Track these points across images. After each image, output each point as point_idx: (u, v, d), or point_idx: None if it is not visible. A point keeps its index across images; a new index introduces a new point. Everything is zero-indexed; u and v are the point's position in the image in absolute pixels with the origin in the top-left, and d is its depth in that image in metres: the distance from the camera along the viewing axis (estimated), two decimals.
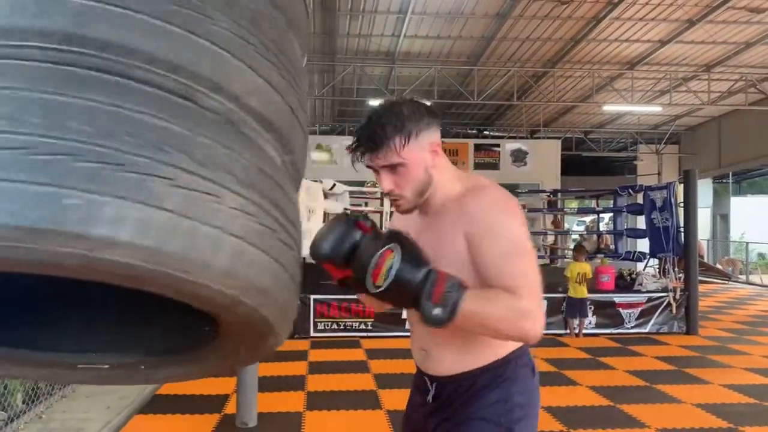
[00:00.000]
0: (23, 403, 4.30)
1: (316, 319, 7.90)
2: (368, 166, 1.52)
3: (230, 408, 4.83)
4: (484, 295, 1.38)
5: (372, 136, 1.47)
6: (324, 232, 1.44)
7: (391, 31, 12.45)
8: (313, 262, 1.49)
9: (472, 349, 1.56)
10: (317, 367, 6.36)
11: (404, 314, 7.92)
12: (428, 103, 1.57)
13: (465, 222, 1.46)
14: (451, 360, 1.60)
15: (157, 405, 5.01)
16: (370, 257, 1.36)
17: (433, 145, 1.52)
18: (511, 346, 1.57)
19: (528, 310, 1.37)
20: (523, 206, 13.58)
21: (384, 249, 1.36)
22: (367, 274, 1.36)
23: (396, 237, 1.39)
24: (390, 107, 1.50)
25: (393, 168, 1.49)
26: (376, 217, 11.31)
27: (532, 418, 1.59)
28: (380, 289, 1.36)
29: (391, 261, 1.36)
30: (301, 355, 6.88)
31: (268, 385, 5.34)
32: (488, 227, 1.44)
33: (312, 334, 7.86)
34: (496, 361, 1.56)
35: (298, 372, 6.15)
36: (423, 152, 1.50)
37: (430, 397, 1.66)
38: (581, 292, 8.00)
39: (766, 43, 12.48)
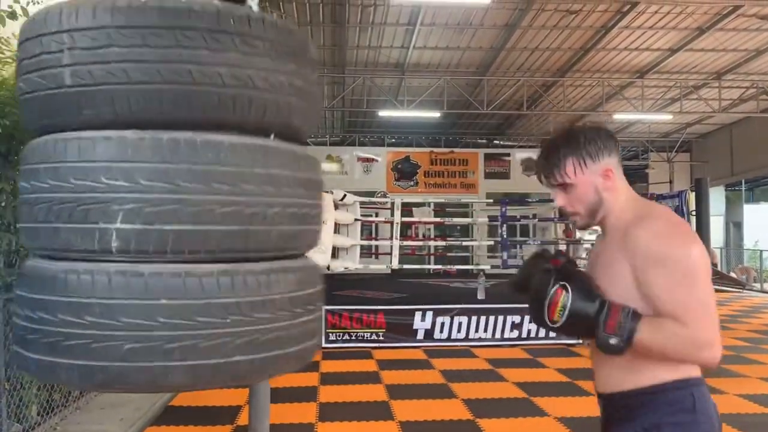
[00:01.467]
0: (38, 414, 4.33)
1: (327, 330, 7.91)
2: (546, 184, 1.68)
3: (243, 419, 4.84)
4: (658, 327, 1.45)
5: (548, 158, 1.63)
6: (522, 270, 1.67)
7: (401, 42, 12.52)
8: (326, 272, 1.58)
9: (634, 370, 1.55)
10: (329, 378, 6.36)
11: (415, 324, 7.94)
12: (609, 129, 1.66)
13: (630, 251, 1.52)
14: (611, 379, 1.62)
15: (170, 416, 5.04)
16: (543, 295, 1.50)
17: (606, 170, 1.60)
18: (680, 373, 1.53)
19: (705, 341, 1.45)
20: (534, 216, 13.57)
21: (556, 287, 1.49)
22: (544, 310, 1.50)
23: (567, 272, 1.52)
24: (567, 132, 1.64)
25: (565, 187, 1.63)
26: (386, 228, 11.32)
27: None
28: (557, 325, 1.50)
29: (564, 298, 1.48)
30: (312, 366, 6.88)
31: (280, 396, 5.35)
32: (653, 258, 1.48)
33: (324, 344, 7.86)
34: (657, 385, 1.53)
35: (310, 383, 6.16)
36: (594, 175, 1.60)
37: (600, 414, 1.70)
38: None
39: None
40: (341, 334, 7.94)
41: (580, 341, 8.15)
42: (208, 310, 1.30)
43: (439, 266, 12.12)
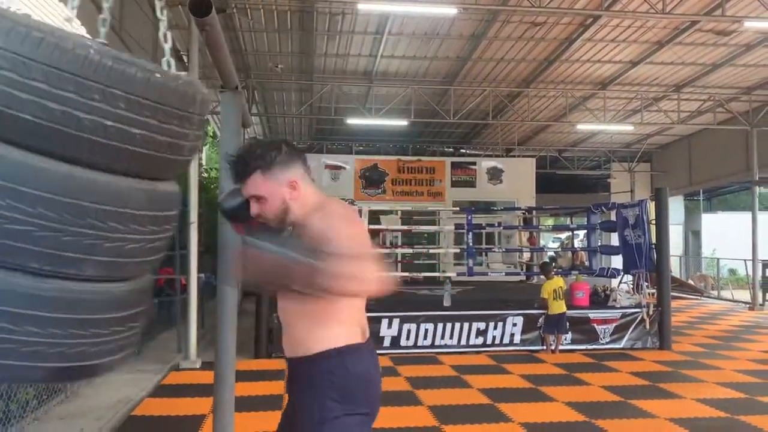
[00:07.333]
0: None
1: None
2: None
3: (207, 428, 4.78)
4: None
5: (241, 174, 1.86)
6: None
7: (368, 51, 12.57)
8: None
9: (315, 342, 1.87)
10: None
11: (382, 332, 7.95)
12: (293, 144, 1.95)
13: (306, 231, 1.79)
14: (299, 347, 1.91)
15: (132, 427, 4.95)
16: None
17: (292, 182, 1.87)
18: (336, 342, 1.87)
19: (351, 274, 1.67)
20: (499, 224, 13.73)
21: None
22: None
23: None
24: (251, 150, 1.88)
25: (258, 198, 1.86)
26: None
27: (350, 406, 1.92)
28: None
29: None
30: (277, 374, 6.84)
31: (245, 404, 5.30)
32: (318, 230, 1.76)
33: None
34: (323, 352, 1.86)
35: (276, 391, 6.12)
36: (281, 187, 1.85)
37: (288, 373, 2.02)
38: (559, 307, 8.08)
39: (733, 64, 12.82)
40: None
41: (543, 347, 8.28)
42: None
43: (406, 274, 12.15)
